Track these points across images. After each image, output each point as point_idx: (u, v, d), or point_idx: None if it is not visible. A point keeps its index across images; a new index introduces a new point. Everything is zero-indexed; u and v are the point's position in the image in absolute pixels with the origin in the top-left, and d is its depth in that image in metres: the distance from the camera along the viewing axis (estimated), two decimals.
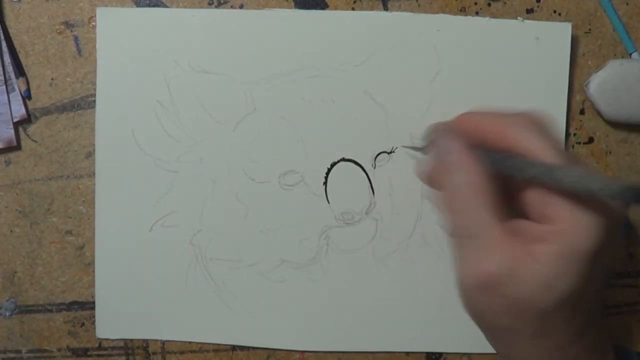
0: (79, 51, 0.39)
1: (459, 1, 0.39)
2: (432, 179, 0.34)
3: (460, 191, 0.31)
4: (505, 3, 0.39)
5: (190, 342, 0.40)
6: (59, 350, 0.40)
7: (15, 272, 0.40)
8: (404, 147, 0.39)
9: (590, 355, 0.30)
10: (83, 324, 0.40)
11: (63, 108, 0.39)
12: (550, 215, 0.28)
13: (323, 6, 0.39)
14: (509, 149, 0.31)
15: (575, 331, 0.29)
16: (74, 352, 0.40)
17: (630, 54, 0.40)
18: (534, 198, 0.29)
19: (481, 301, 0.30)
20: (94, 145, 0.39)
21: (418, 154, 0.38)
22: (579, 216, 0.28)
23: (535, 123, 0.31)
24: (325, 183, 0.39)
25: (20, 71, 0.39)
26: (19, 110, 0.39)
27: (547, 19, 0.39)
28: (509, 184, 0.31)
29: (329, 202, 0.39)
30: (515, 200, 0.31)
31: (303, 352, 0.40)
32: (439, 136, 0.34)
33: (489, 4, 0.39)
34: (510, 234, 0.29)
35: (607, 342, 0.32)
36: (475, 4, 0.39)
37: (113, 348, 0.40)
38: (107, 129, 0.39)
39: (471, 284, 0.30)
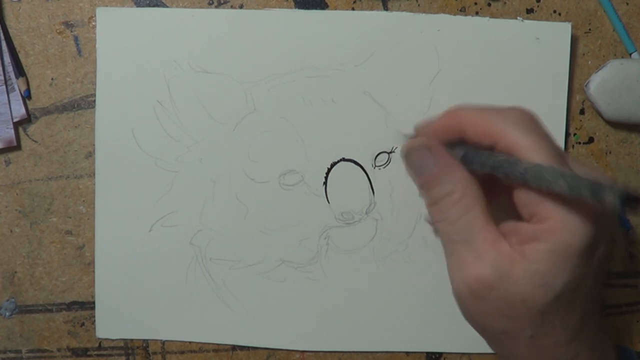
0: (79, 51, 0.39)
1: (459, 1, 0.39)
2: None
3: (444, 201, 0.30)
4: (505, 3, 0.39)
5: (190, 342, 0.40)
6: (59, 350, 0.40)
7: (15, 272, 0.40)
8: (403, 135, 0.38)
9: (591, 354, 0.30)
10: (83, 324, 0.40)
11: (63, 108, 0.39)
12: (540, 214, 0.28)
13: (323, 6, 0.39)
14: (494, 143, 0.30)
15: (573, 329, 0.29)
16: (74, 352, 0.40)
17: (630, 54, 0.40)
18: (523, 196, 0.29)
19: (476, 307, 0.30)
20: (94, 145, 0.39)
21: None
22: (570, 214, 0.27)
23: (525, 118, 0.30)
24: (325, 183, 0.39)
25: (20, 71, 0.39)
26: (19, 110, 0.39)
27: (547, 19, 0.39)
28: (498, 182, 0.31)
29: (329, 202, 0.39)
30: (505, 198, 0.31)
31: (303, 352, 0.40)
32: (411, 155, 0.33)
33: (489, 4, 0.39)
34: (500, 236, 0.29)
35: (607, 341, 0.32)
36: (475, 4, 0.39)
37: (113, 348, 0.40)
38: (107, 129, 0.39)
39: (464, 290, 0.29)
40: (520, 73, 0.39)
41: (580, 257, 0.28)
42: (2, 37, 0.38)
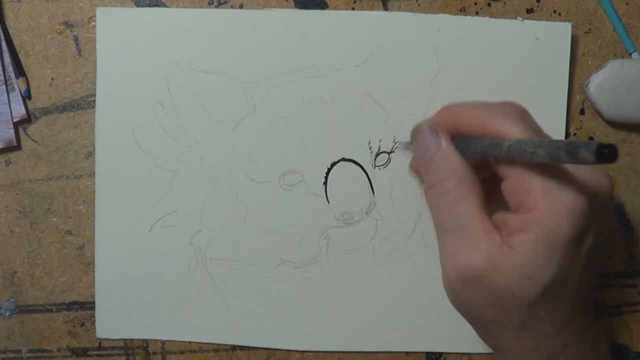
0: (79, 51, 0.39)
1: (459, 1, 0.39)
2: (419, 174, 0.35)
3: (440, 187, 0.31)
4: (505, 3, 0.39)
5: (190, 342, 0.40)
6: (59, 350, 0.40)
7: (15, 272, 0.40)
8: (400, 142, 0.38)
9: (581, 345, 0.30)
10: (83, 324, 0.40)
11: (63, 108, 0.39)
12: (527, 204, 0.28)
13: (323, 6, 0.39)
14: (486, 136, 0.31)
15: (562, 321, 0.29)
16: (74, 352, 0.40)
17: (630, 54, 0.40)
18: (510, 186, 0.29)
19: (465, 294, 0.30)
20: (94, 145, 0.39)
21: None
22: (557, 204, 0.27)
23: (515, 110, 0.31)
24: (325, 183, 0.39)
25: (20, 71, 0.39)
26: (19, 110, 0.39)
27: (547, 19, 0.39)
28: (494, 181, 0.31)
29: (329, 202, 0.39)
30: (499, 194, 0.31)
31: (303, 352, 0.40)
32: (418, 134, 0.34)
33: (489, 4, 0.39)
34: (493, 227, 0.30)
35: (602, 335, 0.32)
36: (475, 4, 0.39)
37: (113, 348, 0.40)
38: (107, 129, 0.39)
39: (454, 277, 0.30)
40: (520, 73, 0.39)
41: (567, 248, 0.28)
42: (2, 37, 0.38)
